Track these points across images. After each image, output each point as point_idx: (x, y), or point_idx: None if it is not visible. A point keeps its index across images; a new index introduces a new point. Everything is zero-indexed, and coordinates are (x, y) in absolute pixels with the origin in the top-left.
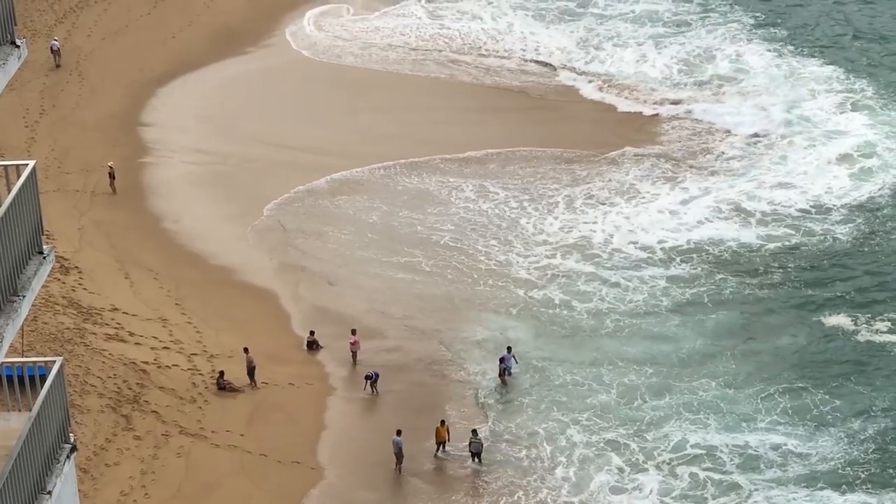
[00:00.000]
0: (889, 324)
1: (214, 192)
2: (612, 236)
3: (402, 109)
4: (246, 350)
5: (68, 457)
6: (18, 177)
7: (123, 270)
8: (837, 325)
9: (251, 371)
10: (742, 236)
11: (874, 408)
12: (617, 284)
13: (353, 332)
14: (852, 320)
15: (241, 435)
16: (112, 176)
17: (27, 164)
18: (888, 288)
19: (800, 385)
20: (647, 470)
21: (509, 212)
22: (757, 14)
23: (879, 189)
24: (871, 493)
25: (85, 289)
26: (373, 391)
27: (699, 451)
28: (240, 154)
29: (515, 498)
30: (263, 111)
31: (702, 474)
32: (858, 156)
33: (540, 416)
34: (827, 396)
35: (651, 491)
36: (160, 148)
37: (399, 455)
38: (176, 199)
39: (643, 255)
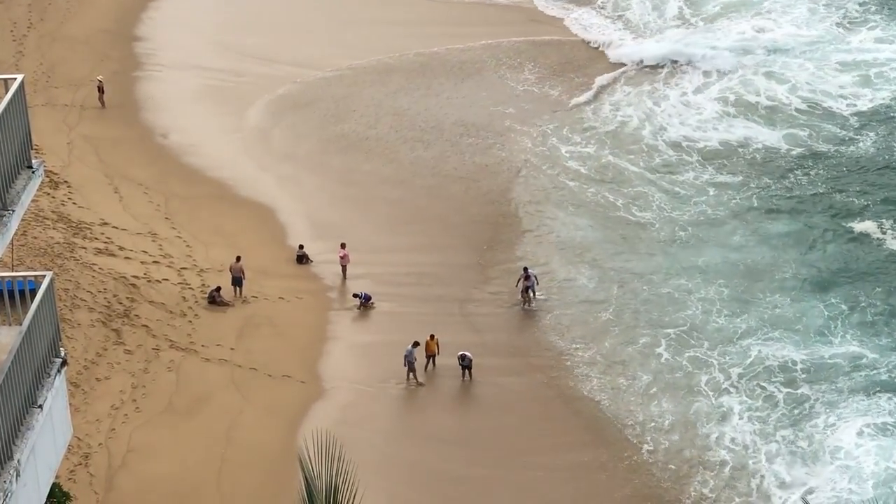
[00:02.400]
0: None
1: (207, 106)
2: (643, 125)
3: (418, 24)
4: (238, 259)
5: (59, 371)
6: (6, 91)
7: (113, 185)
8: (868, 231)
9: (236, 281)
10: (768, 139)
11: None
12: (670, 192)
13: (343, 245)
14: (878, 227)
15: (232, 349)
16: (101, 90)
17: (15, 79)
18: None
19: (864, 295)
20: (733, 392)
21: (537, 93)
22: None
23: (893, 97)
24: None
25: (74, 203)
26: (365, 308)
27: (776, 366)
28: (234, 69)
29: (640, 431)
30: (260, 26)
31: (778, 392)
32: (867, 64)
33: (629, 335)
34: (886, 306)
35: (737, 414)
36: (151, 62)
37: (411, 367)
38: (167, 113)
39: (679, 155)
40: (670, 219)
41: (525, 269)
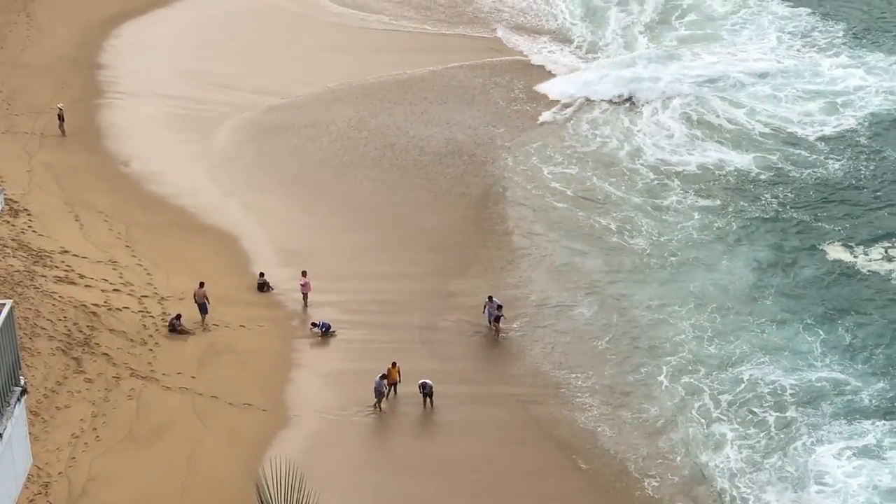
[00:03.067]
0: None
1: (169, 133)
2: (621, 146)
3: (388, 51)
4: (201, 285)
5: (19, 399)
6: None
7: (73, 213)
8: (840, 257)
9: (201, 307)
10: (739, 163)
11: None
12: (656, 216)
13: (304, 273)
14: (848, 251)
15: (192, 377)
16: (61, 118)
17: None
18: (882, 219)
19: (840, 320)
20: (727, 420)
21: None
22: None
23: (859, 123)
24: None
25: (34, 231)
26: (325, 337)
27: (766, 392)
28: (197, 97)
29: (665, 477)
30: (223, 55)
31: (769, 417)
32: (832, 92)
33: (628, 365)
34: (859, 330)
35: (730, 442)
36: (112, 90)
37: (379, 397)
38: (128, 141)
39: (660, 178)
40: (659, 244)
41: (490, 297)
